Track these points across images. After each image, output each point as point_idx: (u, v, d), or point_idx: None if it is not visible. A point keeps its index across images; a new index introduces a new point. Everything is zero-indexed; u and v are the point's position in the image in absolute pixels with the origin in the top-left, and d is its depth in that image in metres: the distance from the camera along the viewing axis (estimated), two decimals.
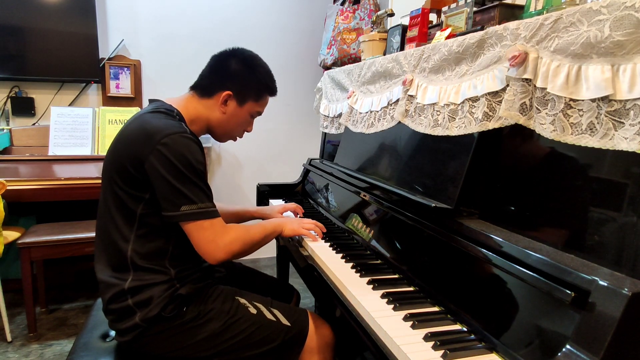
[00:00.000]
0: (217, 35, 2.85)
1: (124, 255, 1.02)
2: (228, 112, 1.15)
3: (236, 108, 1.16)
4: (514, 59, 0.79)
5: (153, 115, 1.04)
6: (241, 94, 1.15)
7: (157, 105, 1.09)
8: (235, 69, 1.14)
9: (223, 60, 1.16)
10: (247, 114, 1.19)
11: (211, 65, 1.17)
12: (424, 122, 1.10)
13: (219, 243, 1.01)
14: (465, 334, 0.81)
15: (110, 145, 1.06)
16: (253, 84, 1.17)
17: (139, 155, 0.97)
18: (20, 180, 2.06)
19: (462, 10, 1.15)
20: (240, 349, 1.06)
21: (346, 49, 2.44)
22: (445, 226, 0.97)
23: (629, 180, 0.67)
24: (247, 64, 1.16)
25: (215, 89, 1.14)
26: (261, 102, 1.21)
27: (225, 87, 1.13)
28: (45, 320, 2.20)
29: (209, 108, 1.15)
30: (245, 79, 1.15)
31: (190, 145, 0.99)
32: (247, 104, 1.17)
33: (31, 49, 2.41)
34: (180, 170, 0.96)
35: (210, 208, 1.01)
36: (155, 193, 0.99)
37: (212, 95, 1.14)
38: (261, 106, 1.22)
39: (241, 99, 1.16)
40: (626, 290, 0.59)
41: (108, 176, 1.04)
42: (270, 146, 3.16)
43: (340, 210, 1.52)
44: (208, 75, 1.16)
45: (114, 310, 1.03)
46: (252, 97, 1.17)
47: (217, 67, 1.16)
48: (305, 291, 2.46)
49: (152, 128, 0.99)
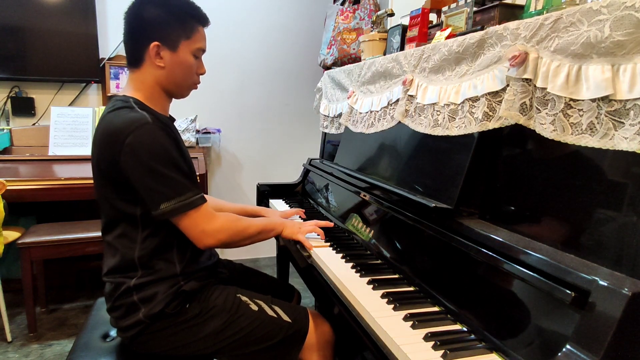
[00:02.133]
0: (217, 35, 2.84)
1: (132, 257, 1.03)
2: (167, 64, 1.04)
3: (172, 55, 1.04)
4: (514, 59, 0.79)
5: (113, 115, 0.99)
6: (168, 38, 1.02)
7: (113, 102, 1.03)
8: (147, 16, 1.02)
9: (131, 15, 1.04)
10: (187, 57, 1.06)
11: (125, 29, 1.05)
12: (424, 122, 1.10)
13: (207, 229, 1.01)
14: (465, 334, 0.81)
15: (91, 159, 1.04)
16: (173, 21, 1.03)
17: (112, 159, 0.95)
18: (20, 180, 2.06)
19: (462, 10, 1.15)
20: (242, 345, 1.06)
21: (346, 49, 2.44)
22: (445, 226, 0.97)
23: (629, 180, 0.67)
24: (157, 3, 1.02)
25: (141, 50, 1.03)
26: (194, 36, 1.06)
27: (148, 40, 1.01)
28: (45, 320, 2.20)
29: (149, 73, 1.04)
30: (163, 20, 1.02)
31: (156, 136, 0.95)
32: (180, 46, 1.04)
33: (31, 49, 2.41)
34: (150, 168, 0.94)
35: (190, 198, 0.98)
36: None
37: (143, 58, 1.03)
38: (197, 41, 1.07)
39: (171, 43, 1.03)
40: (626, 290, 0.59)
41: (98, 189, 1.03)
42: (270, 146, 3.16)
43: (340, 210, 1.52)
44: (127, 40, 1.05)
45: (119, 307, 1.04)
46: (181, 36, 1.04)
47: (129, 26, 1.04)
48: (305, 291, 2.45)
49: (115, 128, 0.95)
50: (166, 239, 1.05)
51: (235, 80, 2.97)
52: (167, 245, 1.05)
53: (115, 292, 1.04)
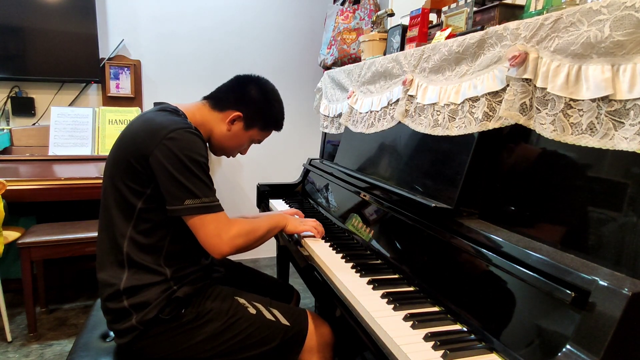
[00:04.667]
0: (217, 35, 2.85)
1: (121, 251, 1.02)
2: (232, 131, 1.19)
3: (241, 130, 1.21)
4: (514, 59, 0.79)
5: (157, 114, 1.06)
6: (250, 120, 1.20)
7: (162, 106, 1.11)
8: (253, 95, 1.20)
9: (245, 82, 1.21)
10: (248, 139, 1.25)
11: (232, 83, 1.22)
12: (424, 122, 1.10)
13: (223, 237, 1.02)
14: (466, 334, 0.81)
15: (114, 144, 1.07)
16: (265, 115, 1.23)
17: (144, 150, 0.98)
18: (20, 180, 2.06)
19: (462, 10, 1.15)
20: (240, 349, 1.06)
21: (346, 49, 2.44)
22: (445, 226, 0.97)
23: (629, 180, 0.67)
24: (266, 96, 1.22)
25: (228, 106, 1.18)
26: (265, 132, 1.27)
27: (238, 108, 1.18)
28: (45, 320, 2.20)
29: (216, 121, 1.18)
30: (259, 108, 1.21)
31: (196, 140, 1.01)
32: (252, 130, 1.22)
33: (31, 49, 2.41)
34: (185, 165, 0.97)
35: (213, 202, 1.02)
36: (157, 188, 0.99)
37: (223, 110, 1.18)
38: (264, 136, 1.28)
39: (249, 123, 1.21)
40: (626, 290, 0.59)
41: (110, 173, 1.04)
42: (270, 146, 3.14)
43: (340, 210, 1.52)
44: (226, 91, 1.21)
45: (111, 311, 1.03)
46: (259, 125, 1.23)
47: (236, 87, 1.21)
48: (305, 291, 2.46)
49: (157, 124, 1.01)
50: (156, 242, 1.04)
51: None
52: (156, 249, 1.04)
53: (104, 292, 1.03)
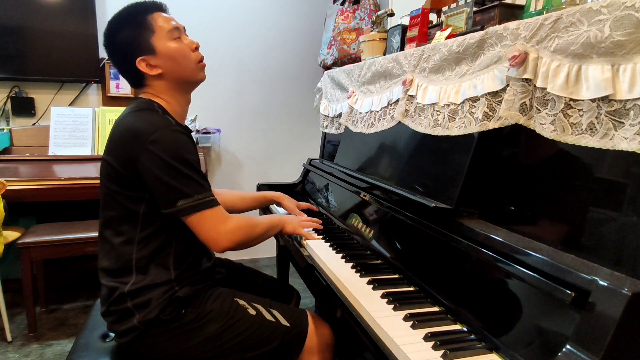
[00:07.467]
0: (217, 35, 2.85)
1: (129, 258, 1.02)
2: (161, 66, 1.06)
3: (157, 57, 1.05)
4: (514, 59, 0.79)
5: (137, 115, 1.02)
6: (142, 47, 1.04)
7: (138, 103, 1.07)
8: (118, 42, 1.05)
9: (109, 52, 1.08)
10: (167, 46, 1.05)
11: (114, 63, 1.10)
12: (424, 122, 1.10)
13: (221, 231, 1.01)
14: (466, 334, 0.81)
15: (103, 153, 1.06)
16: (131, 31, 1.04)
17: (130, 157, 0.97)
18: (20, 180, 2.06)
19: (462, 10, 1.15)
20: (240, 350, 1.06)
21: (346, 49, 2.44)
22: (445, 226, 0.97)
23: (629, 180, 0.67)
24: (110, 31, 1.05)
25: (135, 71, 1.06)
26: (155, 26, 1.05)
27: (131, 61, 1.04)
28: (45, 320, 2.20)
29: (156, 82, 1.08)
30: (126, 37, 1.04)
31: (179, 138, 0.99)
32: (155, 44, 1.05)
33: (31, 49, 2.41)
34: (172, 166, 0.96)
35: (207, 198, 1.00)
36: (152, 192, 0.99)
37: (142, 76, 1.07)
38: (162, 28, 1.05)
39: (147, 48, 1.04)
40: (626, 290, 0.59)
41: (105, 184, 1.04)
42: (270, 146, 3.16)
43: (340, 210, 1.52)
44: (121, 72, 1.11)
45: (113, 312, 1.03)
46: (147, 36, 1.04)
47: (115, 60, 1.09)
48: (305, 291, 2.45)
49: (138, 128, 0.98)
50: (164, 244, 1.04)
51: (235, 80, 2.96)
52: (165, 250, 1.05)
53: (109, 297, 1.03)
